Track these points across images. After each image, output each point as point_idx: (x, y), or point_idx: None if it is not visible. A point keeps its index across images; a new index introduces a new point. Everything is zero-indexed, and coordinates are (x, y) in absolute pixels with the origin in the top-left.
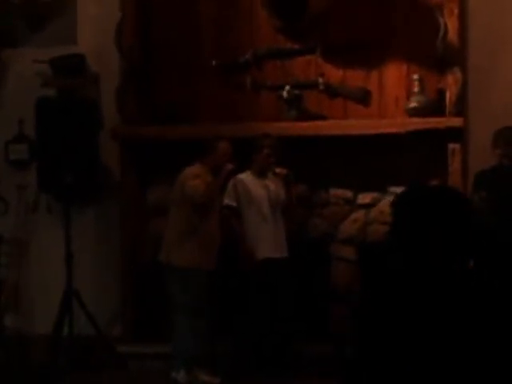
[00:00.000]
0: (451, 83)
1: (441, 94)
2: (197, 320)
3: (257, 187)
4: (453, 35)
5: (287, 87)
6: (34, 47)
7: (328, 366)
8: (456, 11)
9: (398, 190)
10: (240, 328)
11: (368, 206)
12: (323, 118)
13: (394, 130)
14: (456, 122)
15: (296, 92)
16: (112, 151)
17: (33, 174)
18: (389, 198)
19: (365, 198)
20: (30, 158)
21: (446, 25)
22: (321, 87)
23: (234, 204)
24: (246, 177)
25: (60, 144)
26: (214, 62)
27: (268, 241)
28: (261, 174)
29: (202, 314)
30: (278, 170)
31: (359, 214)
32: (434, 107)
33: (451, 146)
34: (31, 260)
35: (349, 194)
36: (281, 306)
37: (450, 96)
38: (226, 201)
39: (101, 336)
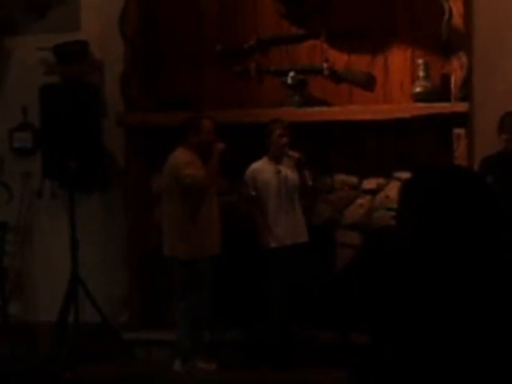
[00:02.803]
0: (456, 68)
1: (446, 78)
2: (197, 312)
3: (271, 174)
4: (458, 20)
5: (292, 73)
6: (37, 34)
7: (334, 354)
8: None
9: (404, 175)
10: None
11: (373, 192)
12: (328, 103)
13: (398, 115)
14: (461, 106)
15: (300, 77)
16: (116, 138)
17: (37, 161)
18: (394, 184)
19: (370, 183)
20: (34, 146)
21: (450, 9)
22: (325, 73)
23: (253, 193)
24: (261, 164)
25: (64, 131)
26: (218, 48)
27: (286, 227)
28: (276, 158)
29: (202, 306)
30: (290, 153)
31: (364, 200)
32: (439, 92)
33: (456, 131)
34: (36, 247)
35: (354, 179)
36: (297, 291)
37: (455, 81)
38: (244, 190)
39: (106, 323)
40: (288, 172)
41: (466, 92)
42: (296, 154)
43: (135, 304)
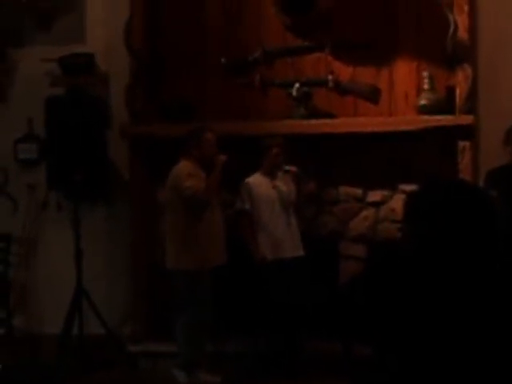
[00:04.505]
0: (461, 80)
1: (451, 91)
2: (198, 322)
3: (267, 188)
4: (463, 32)
5: (296, 85)
6: (43, 46)
7: (337, 365)
8: (466, 8)
9: (408, 187)
10: (252, 327)
11: (378, 204)
12: (333, 115)
13: (403, 127)
14: (466, 119)
15: (305, 90)
16: (121, 149)
17: (42, 172)
18: (399, 196)
19: (375, 195)
20: (39, 157)
21: (455, 22)
22: (330, 85)
23: (247, 207)
24: (255, 179)
25: (69, 142)
26: (223, 60)
27: (282, 241)
28: (270, 174)
29: (204, 316)
30: (288, 168)
31: (369, 212)
32: (444, 104)
33: (461, 143)
34: (40, 259)
35: (359, 191)
36: (294, 304)
37: (460, 93)
38: (239, 205)
39: (111, 335)
40: (283, 187)
41: (471, 104)
42: (293, 169)
43: (139, 315)
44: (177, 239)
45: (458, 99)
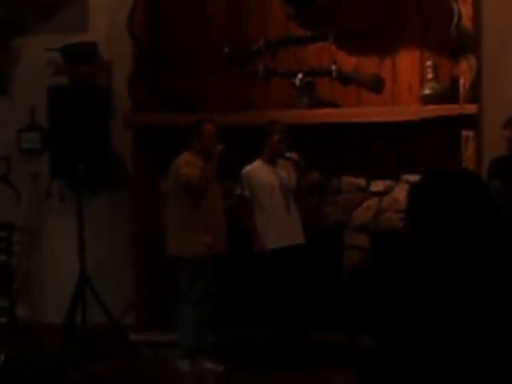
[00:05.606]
0: (465, 70)
1: (454, 80)
2: (201, 311)
3: (268, 175)
4: (467, 22)
5: (300, 75)
6: (46, 35)
7: (342, 356)
8: None
9: (412, 177)
10: (254, 316)
11: (381, 194)
12: (336, 105)
13: (407, 117)
14: (470, 109)
15: (309, 79)
16: (124, 139)
17: (45, 162)
18: (402, 186)
19: (378, 185)
20: (42, 147)
21: (459, 11)
22: (334, 75)
23: (247, 193)
24: (256, 166)
25: (72, 132)
26: (226, 50)
27: (282, 229)
28: (271, 160)
29: (207, 305)
30: (289, 155)
31: (372, 202)
32: (448, 94)
33: (465, 133)
34: (43, 248)
35: (362, 181)
36: (295, 293)
37: (463, 83)
38: (238, 191)
39: (113, 324)
40: (284, 174)
41: (475, 94)
42: (295, 156)
43: (142, 305)
44: (178, 227)
45: (461, 89)
